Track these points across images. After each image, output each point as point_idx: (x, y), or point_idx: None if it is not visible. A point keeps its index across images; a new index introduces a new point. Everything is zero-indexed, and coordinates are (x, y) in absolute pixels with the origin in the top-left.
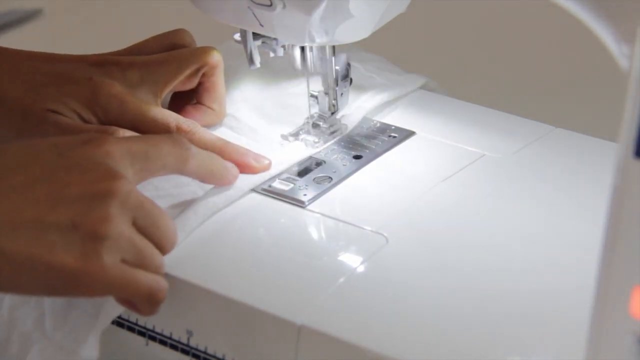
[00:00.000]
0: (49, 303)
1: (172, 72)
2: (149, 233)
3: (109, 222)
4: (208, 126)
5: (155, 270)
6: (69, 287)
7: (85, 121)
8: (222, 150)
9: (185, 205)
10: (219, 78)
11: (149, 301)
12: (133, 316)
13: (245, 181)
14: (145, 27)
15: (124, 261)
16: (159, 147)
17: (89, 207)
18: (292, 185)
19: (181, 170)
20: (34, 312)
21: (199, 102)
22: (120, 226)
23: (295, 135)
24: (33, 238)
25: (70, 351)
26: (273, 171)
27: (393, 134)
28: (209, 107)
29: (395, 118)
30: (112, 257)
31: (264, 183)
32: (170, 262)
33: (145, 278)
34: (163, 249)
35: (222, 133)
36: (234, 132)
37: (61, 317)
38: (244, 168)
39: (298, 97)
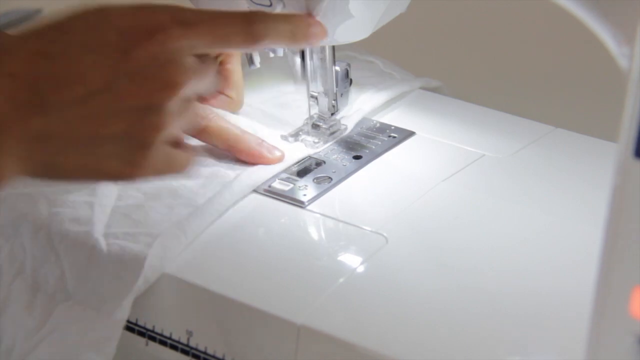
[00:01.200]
0: (68, 262)
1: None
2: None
3: (159, 131)
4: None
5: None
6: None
7: None
8: (238, 139)
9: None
10: (236, 66)
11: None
12: (133, 316)
13: (247, 181)
14: None
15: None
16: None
17: (142, 117)
18: (292, 185)
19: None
20: (56, 271)
21: (217, 90)
22: (171, 126)
23: (295, 135)
24: (87, 152)
25: (98, 312)
26: (273, 171)
27: (393, 134)
28: (226, 95)
29: (395, 118)
30: (157, 159)
31: (264, 183)
32: (171, 262)
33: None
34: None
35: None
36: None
37: (83, 276)
38: (258, 158)
39: (297, 98)
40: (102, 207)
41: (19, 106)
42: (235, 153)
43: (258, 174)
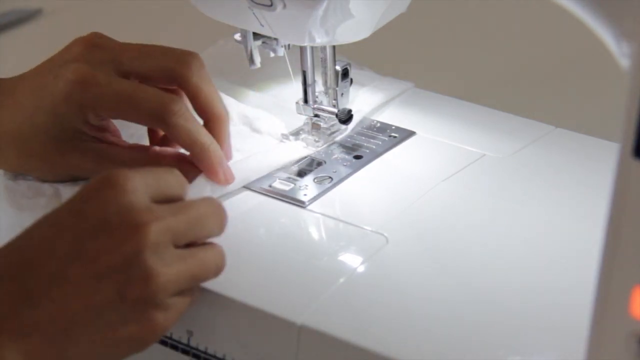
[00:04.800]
0: None
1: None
2: (195, 238)
3: (151, 280)
4: (216, 133)
5: (216, 272)
6: (138, 347)
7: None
8: (203, 148)
9: None
10: (199, 80)
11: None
12: None
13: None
14: (145, 27)
15: (182, 292)
16: (164, 176)
17: (128, 273)
18: (292, 185)
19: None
20: None
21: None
22: (165, 273)
23: (296, 135)
24: (90, 329)
25: None
26: (273, 171)
27: (393, 134)
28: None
29: (395, 118)
30: (164, 311)
31: (264, 183)
32: None
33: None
34: (215, 235)
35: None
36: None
37: None
38: (212, 176)
39: (297, 98)
40: None
41: (5, 299)
42: (194, 159)
43: (253, 168)
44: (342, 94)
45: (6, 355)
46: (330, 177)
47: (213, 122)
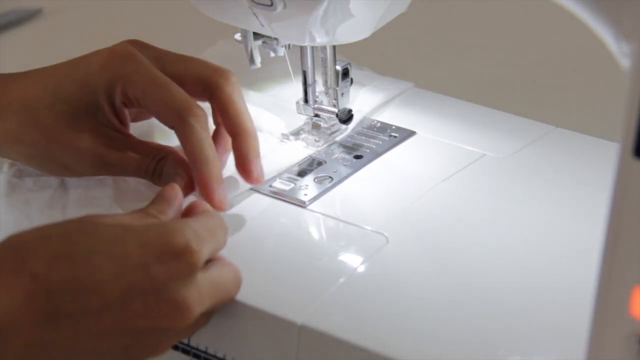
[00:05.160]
0: None
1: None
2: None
3: (158, 352)
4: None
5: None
6: None
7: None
8: (205, 162)
9: None
10: (232, 92)
11: None
12: None
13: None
14: (145, 27)
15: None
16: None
17: (146, 338)
18: (292, 185)
19: None
20: None
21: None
22: (167, 349)
23: (296, 134)
24: None
25: None
26: (274, 171)
27: (393, 134)
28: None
29: (395, 118)
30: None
31: (265, 183)
32: None
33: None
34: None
35: None
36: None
37: None
38: (205, 193)
39: (298, 98)
40: None
41: (33, 311)
42: (193, 170)
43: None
44: (342, 93)
45: (7, 358)
46: (330, 177)
47: (242, 136)
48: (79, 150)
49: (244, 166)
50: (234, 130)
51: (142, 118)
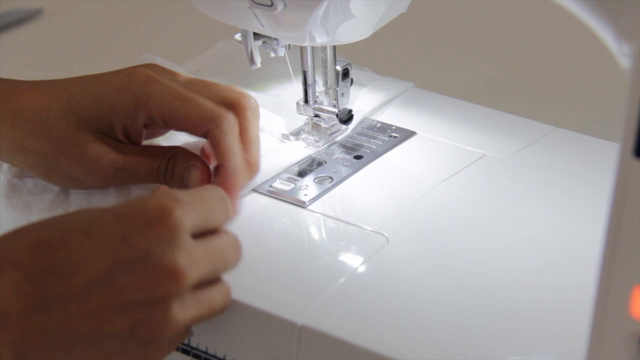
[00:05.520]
0: None
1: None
2: (214, 276)
3: (166, 328)
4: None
5: (220, 312)
6: None
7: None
8: (231, 152)
9: None
10: (253, 117)
11: None
12: None
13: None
14: (145, 27)
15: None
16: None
17: (147, 313)
18: (292, 185)
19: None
20: None
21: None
22: (181, 320)
23: (296, 135)
24: (89, 348)
25: None
26: (274, 171)
27: (394, 134)
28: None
29: (395, 118)
30: (161, 349)
31: (265, 183)
32: None
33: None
34: (226, 272)
35: None
36: None
37: None
38: (227, 182)
39: (298, 98)
40: None
41: (22, 299)
42: (221, 173)
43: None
44: (342, 94)
45: (2, 352)
46: (330, 177)
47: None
48: (87, 160)
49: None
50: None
51: (152, 137)
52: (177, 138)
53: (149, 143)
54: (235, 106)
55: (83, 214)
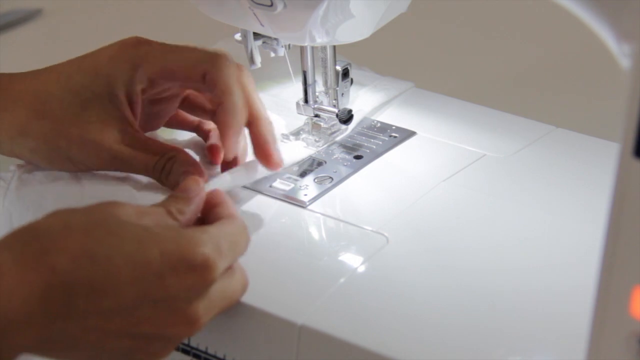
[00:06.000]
0: None
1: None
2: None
3: (161, 357)
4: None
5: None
6: None
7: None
8: (240, 102)
9: None
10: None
11: None
12: None
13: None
14: (145, 27)
15: None
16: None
17: (149, 344)
18: (292, 185)
19: None
20: None
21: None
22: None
23: (296, 135)
24: (83, 355)
25: None
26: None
27: (394, 134)
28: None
29: (395, 118)
30: None
31: (265, 183)
32: None
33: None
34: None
35: None
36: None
37: None
38: (228, 127)
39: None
40: None
41: (49, 306)
42: (224, 113)
43: (255, 170)
44: (342, 94)
45: (6, 345)
46: (330, 177)
47: (258, 122)
48: (87, 142)
49: (263, 152)
50: (249, 117)
51: (155, 124)
52: (181, 136)
53: (151, 135)
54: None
55: (131, 232)
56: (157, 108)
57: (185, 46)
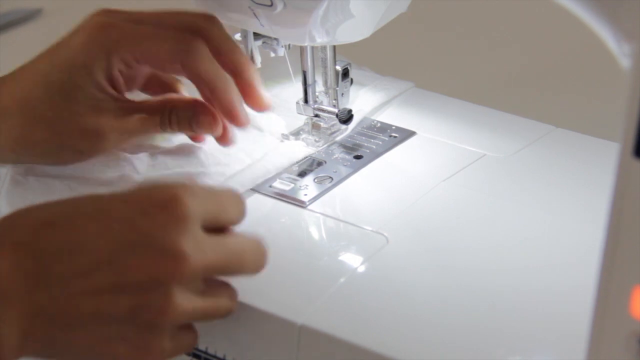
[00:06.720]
0: None
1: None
2: (226, 276)
3: (167, 314)
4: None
5: (225, 315)
6: None
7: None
8: (222, 83)
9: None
10: (222, 33)
11: None
12: None
13: (249, 177)
14: None
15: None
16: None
17: (149, 296)
18: (292, 185)
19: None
20: None
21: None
22: (183, 307)
23: (296, 135)
24: (90, 330)
25: None
26: (274, 171)
27: (394, 134)
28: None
29: (395, 118)
30: (163, 341)
31: (265, 183)
32: None
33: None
34: (244, 274)
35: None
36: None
37: None
38: (229, 113)
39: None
40: None
41: (24, 277)
42: (214, 97)
43: (258, 172)
44: (342, 94)
45: (4, 330)
46: (330, 177)
47: (244, 67)
48: (88, 132)
49: (252, 95)
50: (234, 66)
51: (135, 87)
52: (176, 138)
53: (135, 96)
54: (199, 29)
55: (91, 197)
56: (133, 72)
57: (157, 32)
